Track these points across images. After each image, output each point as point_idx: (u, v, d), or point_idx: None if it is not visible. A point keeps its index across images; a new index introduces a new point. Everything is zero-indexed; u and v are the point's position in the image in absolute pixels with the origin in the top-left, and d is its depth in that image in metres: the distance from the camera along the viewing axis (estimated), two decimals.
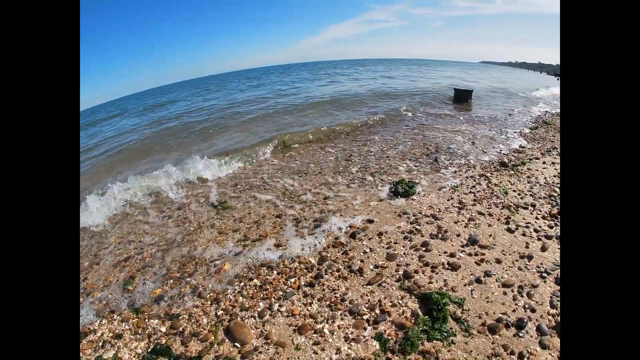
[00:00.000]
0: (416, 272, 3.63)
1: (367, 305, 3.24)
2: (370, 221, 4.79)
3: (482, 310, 3.12)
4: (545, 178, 6.24)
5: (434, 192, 5.73)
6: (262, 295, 3.51)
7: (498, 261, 3.75)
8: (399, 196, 5.57)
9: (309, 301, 3.36)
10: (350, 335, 2.94)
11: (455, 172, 6.62)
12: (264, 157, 8.78)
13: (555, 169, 6.72)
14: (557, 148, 8.33)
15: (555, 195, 5.47)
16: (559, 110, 15.68)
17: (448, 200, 5.36)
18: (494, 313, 3.08)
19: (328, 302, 3.32)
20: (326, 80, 32.53)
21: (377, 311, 3.17)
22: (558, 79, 43.54)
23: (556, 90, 24.05)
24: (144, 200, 6.62)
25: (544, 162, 7.17)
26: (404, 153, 8.15)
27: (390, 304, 3.24)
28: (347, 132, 10.94)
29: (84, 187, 7.56)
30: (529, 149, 8.34)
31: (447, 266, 3.71)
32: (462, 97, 18.27)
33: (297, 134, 10.40)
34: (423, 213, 4.92)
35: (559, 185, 5.90)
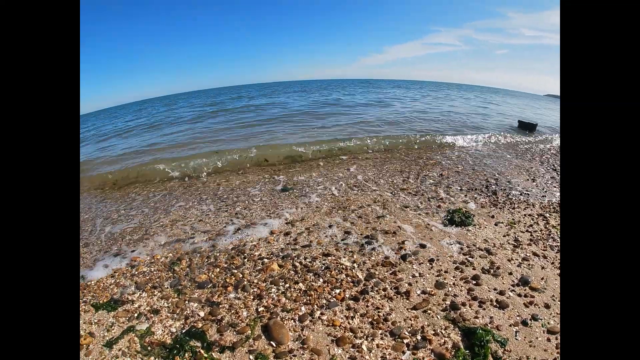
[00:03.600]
0: (463, 304, 3.60)
1: (409, 329, 3.25)
2: (423, 246, 4.78)
3: (524, 353, 3.07)
4: None
5: (490, 225, 5.63)
6: (305, 300, 3.59)
7: (547, 306, 3.66)
8: (454, 225, 5.51)
9: (351, 315, 3.40)
10: (387, 357, 2.96)
11: (513, 208, 6.48)
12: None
13: None
14: None
15: None
16: None
17: (504, 236, 5.26)
18: (534, 358, 3.03)
19: (370, 319, 3.35)
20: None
21: (419, 337, 3.17)
22: None
23: None
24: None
25: None
26: (463, 182, 8.05)
27: (433, 332, 3.24)
28: (405, 152, 10.91)
29: None
30: None
31: (495, 303, 3.66)
32: (526, 129, 18.06)
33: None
34: (477, 246, 4.86)
35: None
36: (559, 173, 9.69)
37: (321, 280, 3.96)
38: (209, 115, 22.35)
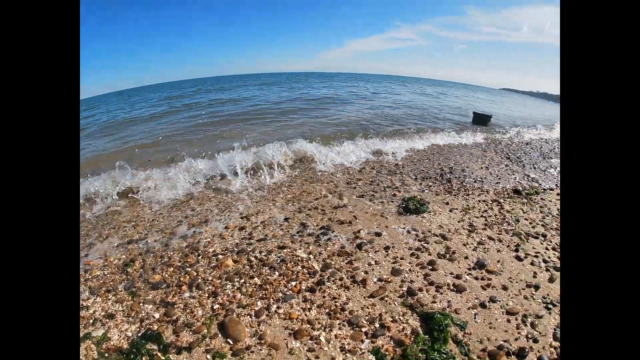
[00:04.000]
0: (420, 290, 3.56)
1: (367, 317, 3.18)
2: (378, 234, 4.73)
3: (484, 335, 3.06)
4: (557, 209, 6.16)
5: (444, 212, 5.65)
6: (261, 295, 3.47)
7: (504, 288, 3.68)
8: (409, 213, 5.49)
9: (308, 306, 3.31)
10: (346, 346, 2.88)
11: (468, 195, 6.56)
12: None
13: None
14: None
15: None
16: None
17: (459, 222, 5.29)
18: (495, 339, 3.02)
19: (327, 310, 3.26)
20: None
21: (377, 325, 3.10)
22: None
23: None
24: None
25: (557, 194, 7.09)
26: (418, 171, 8.11)
27: (391, 319, 3.18)
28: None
29: None
30: (543, 179, 8.25)
31: (452, 287, 3.64)
32: (480, 121, 18.54)
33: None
34: (432, 232, 4.85)
35: None
36: (512, 161, 9.97)
37: (277, 273, 3.83)
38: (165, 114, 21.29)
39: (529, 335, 3.10)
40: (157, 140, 12.03)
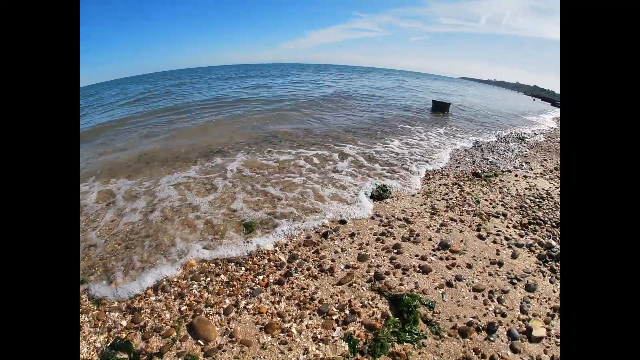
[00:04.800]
0: (387, 273, 3.58)
1: (336, 305, 3.17)
2: (343, 222, 4.73)
3: (453, 313, 3.11)
4: (516, 190, 6.34)
5: (407, 197, 5.73)
6: (228, 292, 3.39)
7: (469, 266, 3.75)
8: (373, 199, 5.54)
9: (277, 299, 3.27)
10: (318, 336, 2.86)
11: (429, 179, 6.66)
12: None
13: (527, 182, 6.83)
14: (528, 163, 8.49)
15: (526, 206, 5.54)
16: (535, 128, 16.08)
17: (421, 205, 5.37)
18: (464, 317, 3.07)
19: (297, 301, 3.23)
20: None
21: (347, 311, 3.10)
22: (534, 100, 46.94)
23: (534, 109, 24.80)
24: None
25: (515, 175, 7.29)
26: (379, 157, 8.16)
27: (361, 304, 3.18)
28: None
29: None
30: (501, 162, 8.46)
31: (418, 269, 3.69)
32: (439, 109, 18.85)
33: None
34: (396, 216, 4.90)
35: (529, 197, 5.99)
36: (472, 144, 10.17)
37: (243, 268, 3.75)
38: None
39: (497, 310, 3.16)
40: None
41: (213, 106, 16.56)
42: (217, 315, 3.13)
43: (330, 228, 4.56)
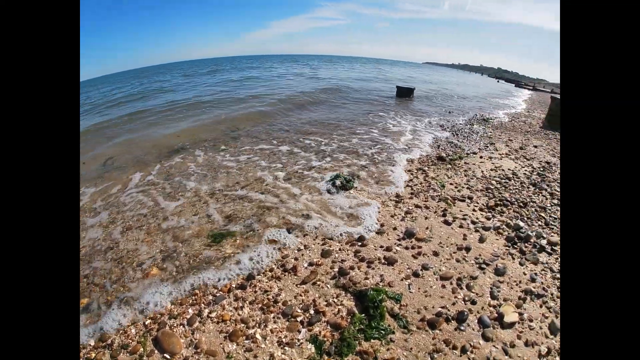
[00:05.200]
0: (352, 268, 3.48)
1: (301, 306, 3.05)
2: (307, 216, 4.59)
3: (421, 304, 3.03)
4: (482, 172, 6.36)
5: (371, 185, 5.64)
6: (191, 301, 3.23)
7: (435, 254, 3.69)
8: (336, 190, 5.41)
9: (240, 305, 3.12)
10: (284, 340, 2.74)
11: (393, 165, 6.60)
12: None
13: (492, 163, 6.86)
14: (493, 144, 8.57)
15: (492, 188, 5.54)
16: (500, 110, 16.33)
17: (385, 193, 5.29)
18: (433, 307, 3.00)
19: (260, 305, 3.09)
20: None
21: (312, 312, 2.98)
22: (498, 81, 48.52)
23: (498, 90, 25.39)
24: None
25: (480, 157, 7.34)
26: (344, 147, 8.05)
27: (325, 303, 3.07)
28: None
29: None
30: (465, 144, 8.51)
31: (383, 261, 3.59)
32: (404, 94, 19.01)
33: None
34: (360, 206, 4.79)
35: (495, 178, 6.01)
36: (434, 129, 10.20)
37: (205, 275, 3.56)
38: None
39: (466, 298, 3.11)
40: None
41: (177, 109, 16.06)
42: (182, 326, 2.97)
43: (294, 224, 4.41)
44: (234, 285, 3.36)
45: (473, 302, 3.06)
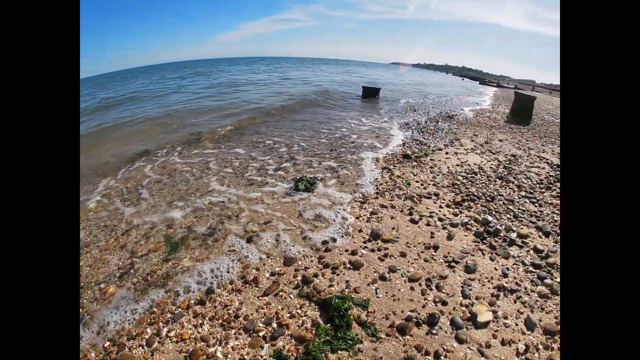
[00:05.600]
0: (316, 275, 3.31)
1: (263, 319, 2.86)
2: (268, 222, 4.39)
3: (390, 310, 2.90)
4: (448, 168, 6.34)
5: (335, 187, 5.49)
6: (149, 320, 3.01)
7: (403, 255, 3.57)
8: (300, 193, 5.23)
9: (200, 322, 2.92)
10: (246, 357, 2.56)
11: (358, 166, 6.50)
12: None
13: (458, 159, 6.87)
14: (459, 139, 8.60)
15: (459, 183, 5.50)
16: (467, 108, 16.57)
17: (350, 194, 5.15)
18: (402, 312, 2.87)
19: (220, 321, 2.90)
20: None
21: (275, 325, 2.80)
22: (463, 79, 50.38)
23: (462, 88, 25.88)
24: None
25: (446, 153, 7.35)
26: (307, 148, 7.91)
27: (289, 315, 2.89)
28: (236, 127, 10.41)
29: None
30: (431, 141, 8.50)
31: (348, 265, 3.44)
32: (370, 94, 19.05)
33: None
34: (324, 209, 4.65)
35: (461, 173, 5.98)
36: (401, 127, 10.18)
37: (163, 290, 3.34)
38: None
39: (437, 299, 3.00)
40: None
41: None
42: (141, 347, 2.76)
43: (255, 231, 4.20)
44: (192, 301, 3.16)
45: (444, 303, 2.95)
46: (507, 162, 6.91)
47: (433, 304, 2.96)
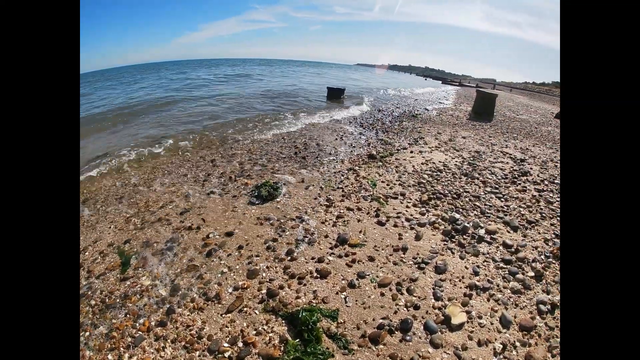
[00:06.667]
0: (282, 287, 3.15)
1: (228, 338, 2.69)
2: (229, 234, 4.16)
3: (360, 319, 2.79)
4: (413, 166, 6.33)
5: (300, 191, 5.33)
6: (109, 346, 2.79)
7: (371, 259, 3.47)
8: (262, 200, 5.01)
9: (162, 345, 2.72)
10: None
11: (323, 169, 6.39)
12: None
13: (423, 157, 6.87)
14: (423, 138, 8.62)
15: (424, 182, 5.47)
16: (430, 106, 16.77)
17: (315, 199, 5.02)
18: (373, 320, 2.77)
19: (184, 343, 2.70)
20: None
21: (240, 344, 2.63)
22: (426, 79, 51.88)
23: (424, 88, 26.42)
24: None
25: (411, 152, 7.35)
26: (272, 154, 7.64)
27: (255, 332, 2.73)
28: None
29: None
30: (396, 140, 8.49)
31: (315, 274, 3.31)
32: (334, 95, 19.16)
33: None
34: (288, 216, 4.48)
35: (426, 172, 5.96)
36: (365, 128, 10.14)
37: (122, 313, 3.12)
38: None
39: (408, 304, 2.91)
40: None
41: None
42: None
43: (216, 244, 3.96)
44: (153, 323, 2.95)
45: (416, 307, 2.87)
46: (472, 159, 6.98)
47: (405, 309, 2.87)
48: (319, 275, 3.28)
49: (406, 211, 4.47)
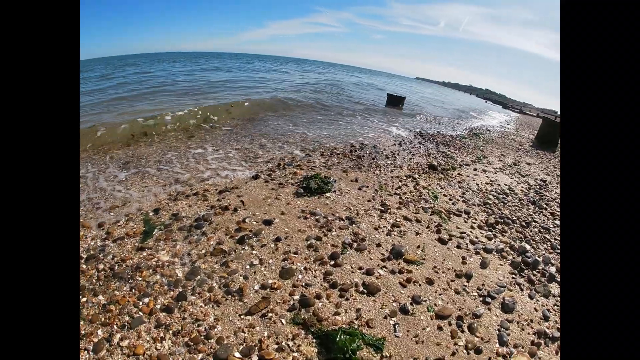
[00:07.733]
0: (318, 297, 2.60)
1: (241, 347, 2.16)
2: (268, 222, 3.65)
3: (410, 355, 2.22)
4: (477, 185, 5.80)
5: (353, 190, 4.79)
6: (103, 319, 2.37)
7: (429, 282, 2.91)
8: (310, 193, 4.49)
9: (161, 335, 2.26)
10: None
11: (379, 171, 5.89)
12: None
13: (487, 177, 6.36)
14: (486, 157, 8.19)
15: (490, 203, 4.87)
16: (492, 128, 16.29)
17: (368, 201, 4.46)
18: (426, 359, 2.20)
19: (187, 339, 2.22)
20: None
21: (255, 358, 2.10)
22: (486, 102, 52.02)
23: (487, 110, 26.13)
24: None
25: (475, 169, 6.90)
26: (326, 147, 7.27)
27: (276, 346, 2.18)
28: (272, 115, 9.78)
29: None
30: (457, 155, 7.94)
31: (361, 289, 2.74)
32: (394, 102, 18.92)
33: None
34: (337, 215, 3.93)
35: (492, 192, 5.39)
36: (425, 138, 9.67)
37: (128, 286, 2.69)
38: None
39: (469, 345, 2.36)
40: None
41: None
42: (85, 351, 2.16)
43: (251, 230, 3.46)
44: (158, 306, 2.49)
45: (478, 352, 2.31)
46: (538, 187, 6.45)
47: (465, 351, 2.32)
48: (365, 291, 2.72)
49: (471, 232, 3.87)
